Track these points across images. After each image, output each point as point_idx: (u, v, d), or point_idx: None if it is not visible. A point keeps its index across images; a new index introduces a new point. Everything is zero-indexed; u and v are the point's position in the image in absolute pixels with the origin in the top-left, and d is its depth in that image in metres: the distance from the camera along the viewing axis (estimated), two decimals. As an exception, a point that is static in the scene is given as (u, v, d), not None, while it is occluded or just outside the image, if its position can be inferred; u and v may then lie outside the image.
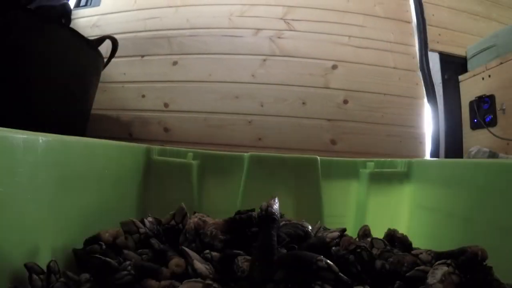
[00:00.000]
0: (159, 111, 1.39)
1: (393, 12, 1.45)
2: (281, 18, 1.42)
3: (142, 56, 1.45)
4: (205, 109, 1.35)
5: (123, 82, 1.45)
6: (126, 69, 1.45)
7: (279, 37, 1.39)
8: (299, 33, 1.40)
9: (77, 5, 1.64)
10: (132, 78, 1.44)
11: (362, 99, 1.34)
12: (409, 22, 1.45)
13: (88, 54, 0.92)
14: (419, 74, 1.38)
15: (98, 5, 1.60)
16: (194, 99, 1.37)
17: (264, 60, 1.37)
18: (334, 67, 1.35)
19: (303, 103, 1.33)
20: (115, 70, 1.43)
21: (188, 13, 1.46)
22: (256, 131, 1.32)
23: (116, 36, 1.41)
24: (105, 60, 1.05)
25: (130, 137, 1.38)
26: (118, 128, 1.41)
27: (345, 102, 1.33)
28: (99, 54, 0.98)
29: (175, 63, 1.42)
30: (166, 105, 1.39)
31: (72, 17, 1.57)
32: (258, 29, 1.41)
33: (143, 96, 1.42)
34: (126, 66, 1.45)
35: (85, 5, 1.63)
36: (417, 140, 1.34)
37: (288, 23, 1.41)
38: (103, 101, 1.41)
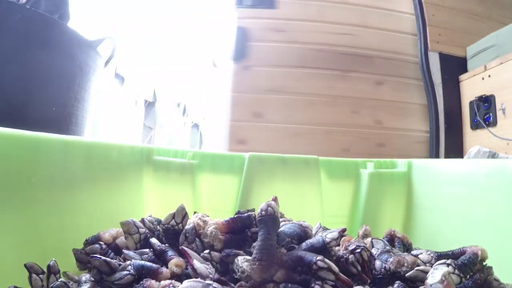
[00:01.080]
0: (371, 128, 1.44)
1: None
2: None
3: (344, 70, 1.47)
4: (413, 127, 1.46)
5: (332, 96, 1.46)
6: (330, 83, 1.46)
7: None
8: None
9: (239, 4, 1.44)
10: (339, 93, 1.46)
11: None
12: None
13: (87, 54, 0.92)
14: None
15: (273, 7, 1.45)
16: (403, 118, 1.46)
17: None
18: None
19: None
20: (318, 83, 1.44)
21: (381, 35, 1.51)
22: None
23: (303, 46, 1.44)
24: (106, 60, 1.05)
25: (347, 152, 1.41)
26: (331, 142, 1.43)
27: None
28: (98, 54, 0.98)
29: (379, 82, 1.47)
30: (377, 122, 1.45)
31: (242, 15, 1.45)
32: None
33: (355, 112, 1.45)
34: (329, 79, 1.46)
35: (252, 5, 1.45)
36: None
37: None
38: (309, 114, 1.43)
